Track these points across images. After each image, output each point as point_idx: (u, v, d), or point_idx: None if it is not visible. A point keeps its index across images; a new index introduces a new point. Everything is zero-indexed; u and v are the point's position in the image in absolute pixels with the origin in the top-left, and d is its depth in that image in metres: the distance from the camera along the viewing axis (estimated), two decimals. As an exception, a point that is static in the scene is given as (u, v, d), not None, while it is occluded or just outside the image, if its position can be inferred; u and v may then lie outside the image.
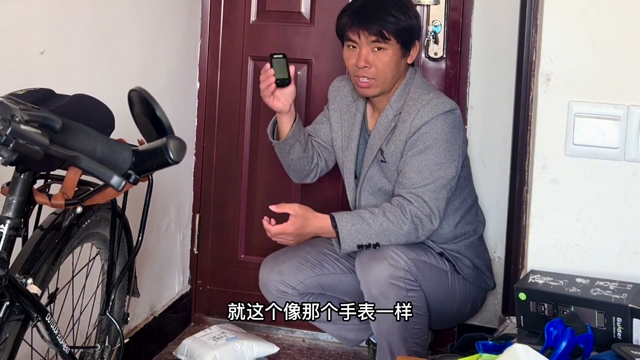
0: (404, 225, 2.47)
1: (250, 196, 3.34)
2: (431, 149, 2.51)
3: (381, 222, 2.47)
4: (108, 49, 2.65)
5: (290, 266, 2.72)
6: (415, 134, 2.52)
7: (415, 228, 2.48)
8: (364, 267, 2.50)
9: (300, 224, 2.49)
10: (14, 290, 1.68)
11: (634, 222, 2.00)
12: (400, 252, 2.48)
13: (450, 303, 2.65)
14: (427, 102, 2.54)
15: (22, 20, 2.22)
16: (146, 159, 1.80)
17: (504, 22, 2.97)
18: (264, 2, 3.26)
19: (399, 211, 2.47)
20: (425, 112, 2.53)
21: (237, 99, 3.31)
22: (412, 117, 2.54)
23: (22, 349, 1.75)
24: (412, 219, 2.47)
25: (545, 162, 2.05)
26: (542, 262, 2.06)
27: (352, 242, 2.48)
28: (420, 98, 2.56)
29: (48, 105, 1.74)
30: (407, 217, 2.47)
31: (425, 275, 2.52)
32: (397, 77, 2.60)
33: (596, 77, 2.00)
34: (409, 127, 2.53)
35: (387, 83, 2.59)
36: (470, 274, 2.69)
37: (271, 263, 2.76)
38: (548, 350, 1.67)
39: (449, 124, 2.54)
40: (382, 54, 2.55)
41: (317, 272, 2.73)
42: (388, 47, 2.54)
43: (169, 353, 3.14)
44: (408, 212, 2.47)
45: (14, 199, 1.67)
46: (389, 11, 2.53)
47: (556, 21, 2.01)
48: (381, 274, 2.45)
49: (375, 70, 2.56)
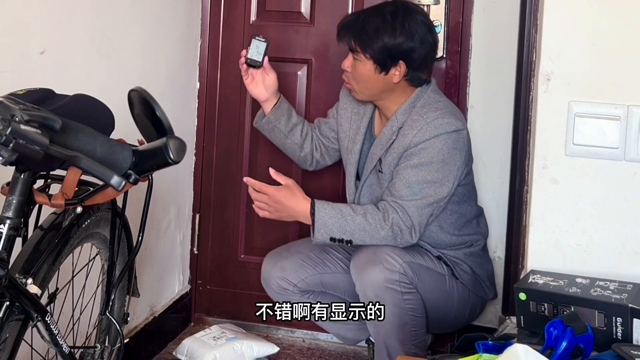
0: (381, 230, 2.47)
1: (250, 196, 3.33)
2: (426, 166, 2.49)
3: (359, 221, 2.47)
4: (108, 49, 2.65)
5: (293, 262, 2.73)
6: (414, 148, 2.51)
7: (393, 236, 2.47)
8: (359, 270, 2.50)
9: (283, 195, 2.53)
10: (14, 290, 1.68)
11: (634, 222, 2.00)
12: (395, 255, 2.47)
13: (448, 307, 2.64)
14: (431, 121, 2.51)
15: (22, 20, 2.22)
16: (146, 159, 1.80)
17: (504, 22, 2.97)
18: (264, 2, 3.26)
19: (380, 216, 2.47)
20: (427, 131, 2.50)
21: (237, 99, 3.31)
22: (413, 133, 2.52)
23: (22, 349, 1.75)
24: (392, 226, 2.46)
25: (545, 162, 2.05)
26: (542, 262, 2.06)
27: (326, 233, 2.49)
28: (426, 115, 2.54)
29: (48, 105, 1.74)
30: (387, 223, 2.46)
31: (421, 278, 2.51)
32: (378, 91, 2.59)
33: (596, 77, 2.00)
34: (409, 142, 2.52)
35: (364, 93, 2.61)
36: (469, 281, 2.67)
37: (274, 258, 2.77)
38: (548, 350, 1.67)
39: (450, 144, 2.51)
40: (357, 64, 2.57)
41: (319, 270, 2.73)
42: (360, 59, 2.56)
43: (169, 353, 3.14)
44: (390, 219, 2.47)
45: (14, 199, 1.67)
46: (363, 27, 2.54)
47: (556, 21, 2.01)
48: (376, 278, 2.45)
49: (351, 77, 2.60)
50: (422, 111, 2.56)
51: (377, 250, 2.49)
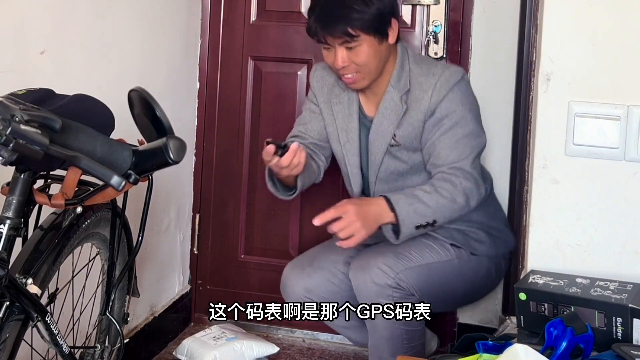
0: (457, 198, 2.40)
1: (250, 196, 3.34)
2: (459, 123, 2.44)
3: (436, 199, 2.39)
4: (108, 49, 2.65)
5: (318, 282, 2.56)
6: (436, 110, 2.44)
7: (466, 200, 2.41)
8: (354, 278, 2.43)
9: (357, 203, 2.38)
10: (14, 290, 1.68)
11: (634, 222, 2.00)
12: (388, 267, 2.39)
13: (463, 287, 2.56)
14: (440, 75, 2.45)
15: (22, 20, 2.22)
16: (146, 159, 1.80)
17: (504, 22, 2.97)
18: (264, 2, 3.26)
19: (449, 185, 2.40)
20: (442, 86, 2.43)
21: (237, 99, 3.31)
22: (429, 94, 2.44)
23: (22, 349, 1.75)
24: (464, 192, 2.40)
25: (545, 162, 2.05)
26: (542, 262, 2.06)
27: (411, 223, 2.38)
28: (430, 72, 2.47)
29: (48, 105, 1.74)
30: (458, 189, 2.40)
31: (421, 279, 2.43)
32: (383, 63, 2.47)
33: (596, 77, 1.99)
34: (427, 105, 2.44)
35: (373, 72, 2.46)
36: (485, 249, 2.57)
37: (297, 275, 2.59)
38: (548, 350, 1.67)
39: (466, 91, 2.47)
40: (357, 50, 2.41)
41: (344, 287, 2.54)
42: (360, 42, 2.40)
43: (169, 353, 3.14)
44: (458, 184, 2.40)
45: (14, 199, 1.67)
46: (350, 6, 2.37)
47: (556, 21, 2.01)
48: (370, 291, 2.37)
49: (356, 66, 2.44)
50: (422, 70, 2.49)
51: (369, 260, 2.42)
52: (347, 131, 2.59)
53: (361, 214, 2.34)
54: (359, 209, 2.35)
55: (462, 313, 3.17)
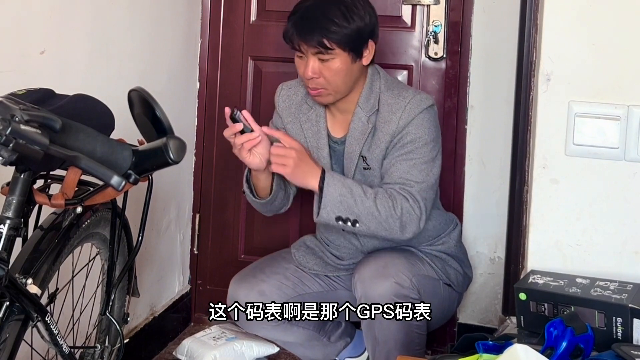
0: (390, 219, 2.35)
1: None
2: (420, 150, 2.42)
3: (369, 205, 2.34)
4: (108, 49, 2.65)
5: (271, 286, 2.60)
6: (401, 132, 2.43)
7: (402, 226, 2.36)
8: (366, 284, 2.41)
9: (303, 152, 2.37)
10: (14, 290, 1.68)
11: (634, 222, 2.00)
12: (405, 269, 2.41)
13: (440, 312, 2.59)
14: (410, 100, 2.44)
15: (22, 20, 2.22)
16: (146, 159, 1.80)
17: (504, 22, 2.97)
18: (264, 2, 3.26)
19: (390, 204, 2.35)
20: (411, 110, 2.42)
21: (237, 99, 3.31)
22: (397, 117, 2.43)
23: (22, 349, 1.76)
24: (401, 216, 2.35)
25: (545, 162, 2.05)
26: (542, 262, 2.06)
27: (332, 212, 2.34)
28: (401, 95, 2.46)
29: (48, 105, 1.74)
30: (397, 212, 2.35)
31: (425, 289, 2.45)
32: (352, 82, 2.46)
33: (596, 77, 2.00)
34: (395, 127, 2.43)
35: (340, 90, 2.45)
36: (456, 280, 2.62)
37: (249, 282, 2.60)
38: (548, 350, 1.67)
39: (432, 119, 2.46)
40: (330, 64, 2.39)
41: (299, 290, 2.62)
42: (334, 55, 2.38)
43: (169, 353, 3.14)
44: (399, 208, 2.35)
45: (14, 199, 1.67)
46: (330, 19, 2.36)
47: (556, 21, 2.01)
48: (386, 292, 2.36)
49: (324, 81, 2.42)
50: (393, 93, 2.48)
51: (386, 263, 2.42)
52: (317, 148, 2.56)
53: (299, 159, 2.34)
54: (301, 155, 2.35)
55: (462, 313, 3.17)
